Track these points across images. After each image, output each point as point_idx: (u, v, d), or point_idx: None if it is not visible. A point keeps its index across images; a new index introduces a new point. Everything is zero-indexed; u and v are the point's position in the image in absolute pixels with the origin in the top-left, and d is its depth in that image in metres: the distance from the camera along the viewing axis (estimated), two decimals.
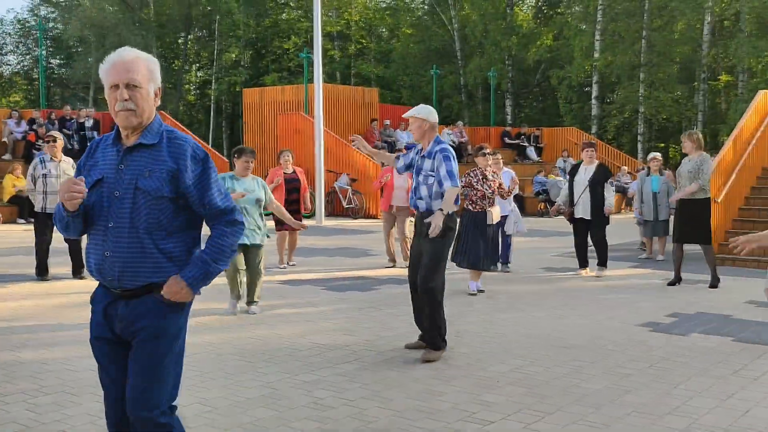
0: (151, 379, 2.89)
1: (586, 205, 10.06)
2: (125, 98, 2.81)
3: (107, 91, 2.88)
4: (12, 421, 4.48)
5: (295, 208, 10.56)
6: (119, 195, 2.85)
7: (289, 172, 10.75)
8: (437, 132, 6.06)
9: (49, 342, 6.38)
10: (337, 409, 4.70)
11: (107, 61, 2.89)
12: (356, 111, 23.18)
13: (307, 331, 6.85)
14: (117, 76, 2.83)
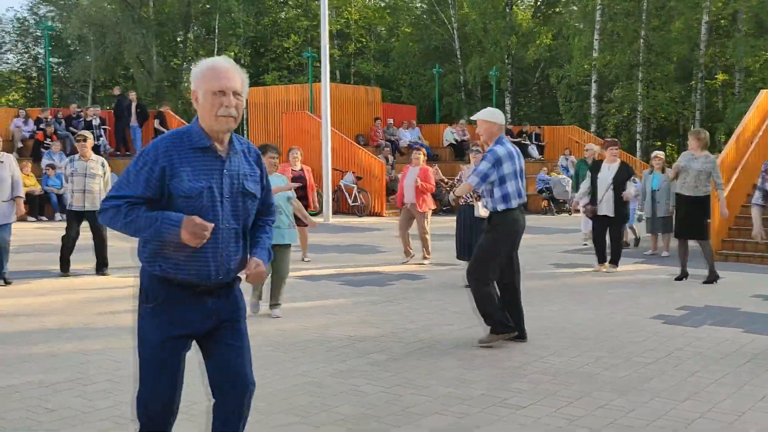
0: (248, 355, 3.23)
1: (610, 203, 10.30)
2: (233, 105, 2.99)
3: (207, 96, 2.97)
4: (66, 407, 4.71)
5: (303, 205, 10.77)
6: (227, 198, 3.03)
7: (296, 169, 10.96)
8: (501, 133, 6.29)
9: (84, 335, 6.59)
10: (374, 395, 4.93)
11: (207, 66, 3.00)
12: (360, 110, 23.42)
13: (332, 323, 7.08)
14: (226, 82, 2.97)
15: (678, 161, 9.55)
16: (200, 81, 2.99)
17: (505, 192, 6.17)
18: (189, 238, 2.89)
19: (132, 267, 10.58)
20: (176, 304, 3.06)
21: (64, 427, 4.36)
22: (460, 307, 7.89)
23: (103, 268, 9.85)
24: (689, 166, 9.38)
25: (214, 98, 2.96)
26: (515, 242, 6.34)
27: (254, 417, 4.51)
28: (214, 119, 2.98)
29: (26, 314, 7.41)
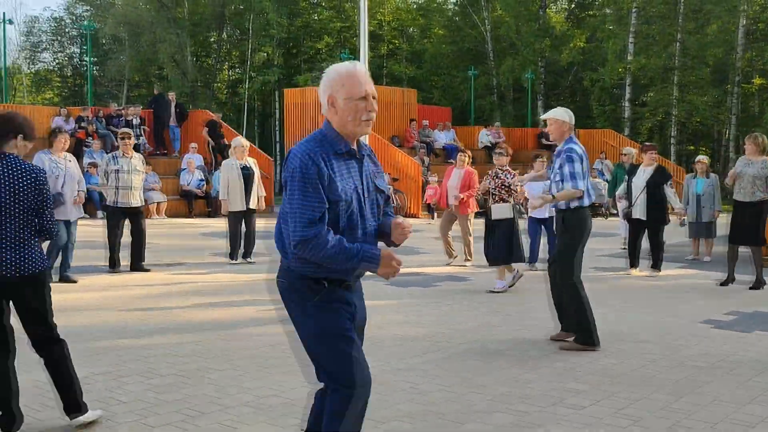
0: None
1: (643, 207, 10.32)
2: (375, 109, 3.06)
3: (349, 102, 3.00)
4: (137, 399, 4.85)
5: None
6: (367, 198, 3.11)
7: None
8: (572, 132, 6.35)
9: (144, 330, 6.75)
10: (434, 393, 5.02)
11: (347, 73, 3.02)
12: (395, 111, 23.52)
13: (383, 323, 7.18)
14: (368, 87, 3.03)
15: (735, 167, 9.51)
16: (339, 87, 3.01)
17: (583, 189, 6.23)
18: (385, 272, 3.03)
19: (167, 264, 10.78)
20: (335, 294, 3.11)
21: (138, 418, 4.50)
22: (506, 309, 7.96)
23: (142, 264, 10.03)
24: (745, 171, 9.30)
25: (359, 104, 3.01)
26: (585, 240, 6.39)
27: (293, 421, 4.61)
28: (358, 124, 3.02)
29: (86, 309, 7.59)
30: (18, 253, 4.11)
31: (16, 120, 4.29)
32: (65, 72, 48.33)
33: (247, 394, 4.96)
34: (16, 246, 4.11)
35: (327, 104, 3.05)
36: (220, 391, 5.03)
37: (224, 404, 4.77)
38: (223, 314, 7.50)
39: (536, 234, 10.87)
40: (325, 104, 3.06)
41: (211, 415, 4.57)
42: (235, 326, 6.96)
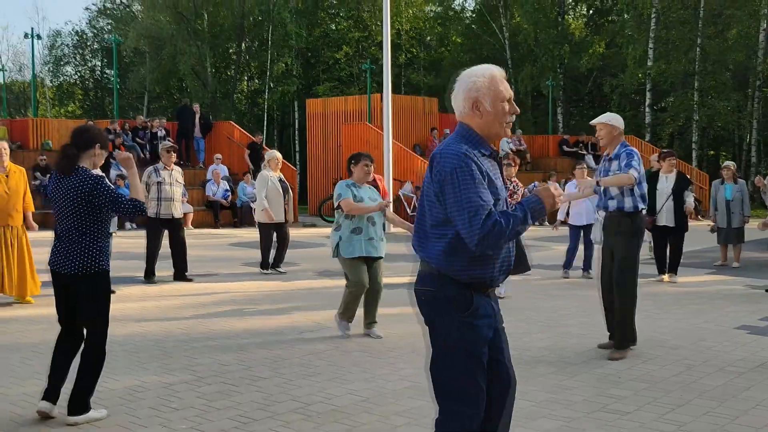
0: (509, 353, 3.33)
1: (670, 213, 10.36)
2: (518, 111, 3.14)
3: (498, 104, 3.04)
4: (188, 406, 4.97)
5: None
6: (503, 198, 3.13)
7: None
8: (622, 138, 6.42)
9: (187, 339, 6.88)
10: None
11: (492, 75, 3.06)
12: (416, 120, 23.65)
13: (420, 331, 7.23)
14: (510, 90, 3.09)
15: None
16: (488, 90, 3.04)
17: (642, 192, 6.29)
18: (551, 203, 3.00)
19: (200, 274, 10.94)
20: (482, 308, 3.07)
21: (192, 425, 4.62)
22: (541, 316, 8.03)
23: (185, 275, 10.19)
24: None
25: (504, 106, 3.06)
26: (640, 246, 6.43)
27: (370, 418, 4.73)
28: (501, 126, 3.09)
29: (127, 320, 7.74)
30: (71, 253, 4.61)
31: (93, 131, 4.82)
32: (87, 85, 48.89)
33: (294, 402, 5.07)
34: (71, 246, 4.60)
35: (468, 108, 3.06)
36: (268, 398, 5.15)
37: (273, 411, 4.88)
38: (262, 323, 7.62)
39: (577, 241, 10.87)
40: (465, 108, 3.07)
41: (262, 421, 4.68)
42: (275, 335, 7.08)
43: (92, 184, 4.56)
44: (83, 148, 4.68)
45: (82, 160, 4.67)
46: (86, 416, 4.60)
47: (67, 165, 4.62)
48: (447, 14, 41.95)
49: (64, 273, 4.62)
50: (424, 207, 3.10)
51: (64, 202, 4.61)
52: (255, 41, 43.08)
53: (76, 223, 4.61)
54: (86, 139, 4.70)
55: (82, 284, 4.61)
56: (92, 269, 4.59)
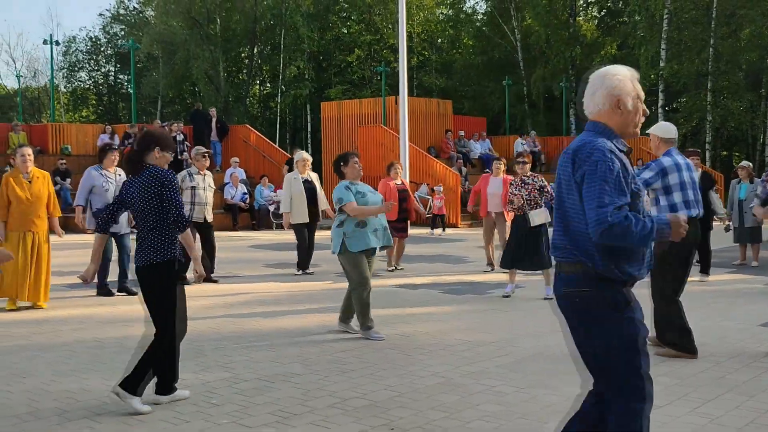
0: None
1: None
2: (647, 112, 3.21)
3: (637, 103, 3.13)
4: (228, 402, 5.09)
5: (405, 217, 11.22)
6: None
7: (398, 183, 11.35)
8: (671, 146, 6.48)
9: (222, 338, 7.00)
10: (512, 395, 5.20)
11: (632, 74, 3.14)
12: (431, 122, 23.76)
13: (447, 329, 7.37)
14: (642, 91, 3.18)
15: None
16: (630, 89, 3.11)
17: (672, 202, 6.36)
18: (678, 235, 3.02)
19: (233, 276, 11.07)
20: (634, 302, 3.14)
21: (234, 419, 4.73)
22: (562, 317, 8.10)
23: (211, 277, 10.32)
24: None
25: (640, 106, 3.15)
26: (689, 253, 6.42)
27: (406, 413, 4.83)
28: (636, 125, 3.16)
29: None
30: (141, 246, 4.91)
31: (154, 134, 5.08)
32: (101, 90, 49.25)
33: (331, 397, 5.18)
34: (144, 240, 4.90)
35: (609, 106, 3.12)
36: (305, 394, 5.26)
37: (312, 406, 4.99)
38: (290, 322, 7.73)
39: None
40: (605, 106, 3.12)
41: (301, 416, 4.79)
42: (305, 333, 7.19)
43: (162, 183, 4.81)
44: (144, 151, 4.94)
45: (147, 162, 4.94)
46: (129, 400, 4.79)
47: (132, 167, 4.93)
48: (458, 17, 42.07)
49: (139, 266, 4.88)
50: (566, 210, 3.10)
51: (137, 200, 4.88)
52: (267, 45, 43.34)
53: (149, 219, 4.85)
54: (147, 143, 4.96)
55: (149, 275, 4.85)
56: (158, 259, 4.82)
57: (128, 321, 7.76)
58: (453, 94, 39.87)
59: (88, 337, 7.04)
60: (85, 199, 9.30)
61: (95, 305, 8.71)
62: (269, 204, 19.47)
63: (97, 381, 5.57)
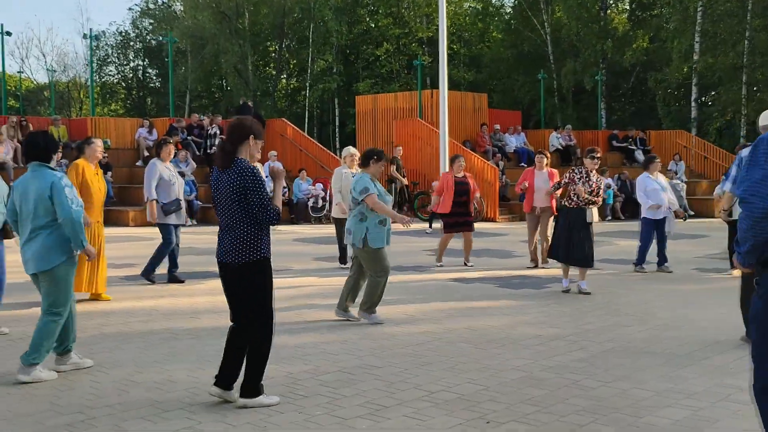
0: None
1: None
2: None
3: None
4: (316, 393, 5.11)
5: (464, 210, 11.20)
6: None
7: (459, 176, 11.34)
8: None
9: (291, 329, 7.03)
10: (598, 389, 5.18)
11: None
12: (467, 116, 23.69)
13: (514, 323, 7.36)
14: None
15: None
16: None
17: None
18: None
19: (284, 269, 11.11)
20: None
21: (326, 411, 4.75)
22: (628, 309, 8.08)
23: None
24: None
25: None
26: None
27: (498, 406, 4.83)
28: None
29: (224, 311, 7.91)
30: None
31: (246, 124, 4.90)
32: (131, 84, 49.58)
33: (417, 390, 5.18)
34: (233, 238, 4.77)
35: None
36: (391, 386, 5.26)
37: (400, 399, 5.00)
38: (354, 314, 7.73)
39: (652, 235, 10.75)
40: None
41: (392, 408, 4.80)
42: (373, 326, 7.19)
43: (249, 179, 4.71)
44: (238, 142, 4.82)
45: (240, 153, 4.82)
46: (256, 400, 4.80)
47: (225, 159, 4.79)
48: (487, 10, 41.85)
49: (227, 262, 4.80)
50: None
51: (224, 195, 4.78)
52: (295, 39, 43.38)
53: (237, 214, 4.75)
54: (241, 133, 4.84)
55: (241, 273, 4.78)
56: (252, 257, 4.76)
57: (195, 312, 7.82)
58: (482, 88, 39.70)
59: (159, 328, 7.10)
60: (155, 192, 9.38)
61: (156, 296, 8.77)
62: (308, 198, 19.52)
63: (181, 373, 5.61)
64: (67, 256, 5.43)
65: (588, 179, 9.08)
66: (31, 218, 5.40)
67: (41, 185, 5.36)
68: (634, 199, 21.69)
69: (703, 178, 24.20)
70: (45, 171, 5.46)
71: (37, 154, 5.50)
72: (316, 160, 21.68)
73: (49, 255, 5.37)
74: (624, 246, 14.34)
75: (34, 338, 5.37)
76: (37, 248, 5.38)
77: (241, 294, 4.84)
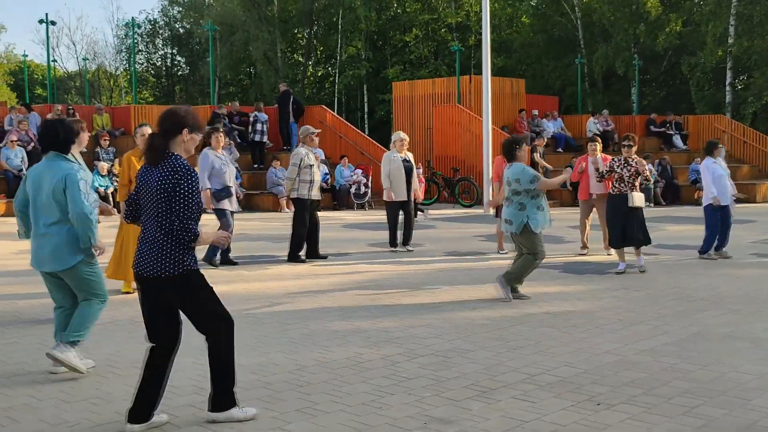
0: None
1: None
2: None
3: None
4: (417, 376, 5.20)
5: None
6: None
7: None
8: None
9: (364, 315, 7.13)
10: (696, 372, 5.23)
11: None
12: (504, 101, 23.63)
13: (590, 308, 7.41)
14: None
15: None
16: None
17: None
18: None
19: (342, 254, 11.22)
20: None
21: (434, 393, 4.84)
22: (696, 294, 8.11)
23: (319, 253, 10.48)
24: None
25: None
26: None
27: (602, 388, 4.89)
28: None
29: (303, 296, 8.04)
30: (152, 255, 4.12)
31: (179, 114, 4.19)
32: (160, 72, 49.87)
33: (517, 372, 5.26)
34: (151, 247, 4.12)
35: None
36: (489, 369, 5.35)
37: (503, 381, 5.08)
38: (429, 299, 7.82)
39: (717, 222, 10.63)
40: None
41: (499, 390, 4.88)
42: (450, 309, 7.27)
43: (182, 180, 4.03)
44: (170, 135, 4.15)
45: (172, 148, 4.16)
46: (227, 414, 4.33)
47: (154, 155, 4.12)
48: None
49: (146, 276, 4.14)
50: None
51: (152, 195, 4.10)
52: (324, 26, 43.37)
53: (159, 220, 4.08)
54: (173, 124, 4.16)
55: (173, 287, 4.15)
56: (179, 270, 4.12)
57: (269, 297, 7.94)
58: (511, 74, 39.50)
59: (243, 313, 7.22)
60: (207, 182, 9.52)
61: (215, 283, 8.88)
62: (350, 184, 19.61)
63: (278, 355, 5.73)
64: (86, 253, 5.15)
65: (627, 165, 9.49)
66: (46, 212, 5.10)
67: (56, 178, 5.05)
68: (674, 184, 21.70)
69: (742, 163, 23.97)
70: (61, 163, 5.12)
71: (55, 144, 5.14)
72: (356, 146, 21.75)
73: (68, 253, 5.09)
74: (675, 231, 14.32)
75: (75, 318, 5.17)
76: (54, 245, 5.09)
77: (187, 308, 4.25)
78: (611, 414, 4.43)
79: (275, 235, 13.34)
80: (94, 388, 4.93)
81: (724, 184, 10.54)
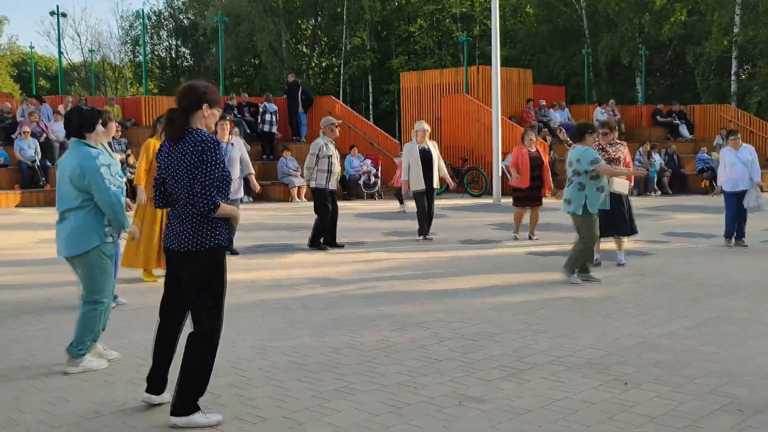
0: None
1: None
2: None
3: None
4: (448, 357, 5.37)
5: (538, 184, 11.39)
6: None
7: (533, 150, 11.52)
8: None
9: (382, 300, 7.29)
10: (720, 354, 5.40)
11: None
12: (512, 91, 23.74)
13: (608, 293, 7.57)
14: None
15: None
16: None
17: None
18: None
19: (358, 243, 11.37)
20: None
21: (465, 373, 5.01)
22: (711, 280, 8.26)
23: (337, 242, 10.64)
24: None
25: None
26: None
27: (628, 369, 5.06)
28: None
29: (333, 284, 8.20)
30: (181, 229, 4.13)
31: (199, 89, 4.16)
32: (164, 64, 49.95)
33: (544, 355, 5.43)
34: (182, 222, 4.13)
35: None
36: (517, 351, 5.52)
37: (531, 362, 5.25)
38: (449, 285, 7.98)
39: (733, 205, 10.71)
40: None
41: (528, 371, 5.04)
42: (469, 297, 7.42)
43: (203, 149, 4.01)
44: (191, 110, 4.11)
45: (193, 123, 4.13)
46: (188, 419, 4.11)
47: (176, 130, 4.08)
48: None
49: (176, 249, 4.13)
50: None
51: (178, 172, 4.08)
52: (328, 16, 43.40)
53: (187, 194, 4.07)
54: (192, 100, 4.11)
55: (193, 262, 4.11)
56: (208, 244, 4.10)
57: (292, 284, 8.10)
58: (515, 64, 39.55)
59: (270, 299, 7.38)
60: None
61: (238, 270, 9.02)
62: (360, 174, 19.76)
63: (308, 339, 5.89)
64: (102, 240, 5.08)
65: (603, 152, 8.85)
66: (65, 197, 5.10)
67: (73, 163, 5.05)
68: (681, 173, 21.84)
69: None
70: (80, 149, 5.12)
71: (71, 130, 5.19)
72: (365, 136, 21.89)
73: (81, 238, 5.04)
74: (683, 219, 14.47)
75: (77, 328, 5.11)
76: (69, 231, 5.07)
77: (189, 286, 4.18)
78: (639, 392, 4.60)
79: (291, 225, 13.50)
80: (134, 371, 5.09)
81: (734, 172, 10.67)
